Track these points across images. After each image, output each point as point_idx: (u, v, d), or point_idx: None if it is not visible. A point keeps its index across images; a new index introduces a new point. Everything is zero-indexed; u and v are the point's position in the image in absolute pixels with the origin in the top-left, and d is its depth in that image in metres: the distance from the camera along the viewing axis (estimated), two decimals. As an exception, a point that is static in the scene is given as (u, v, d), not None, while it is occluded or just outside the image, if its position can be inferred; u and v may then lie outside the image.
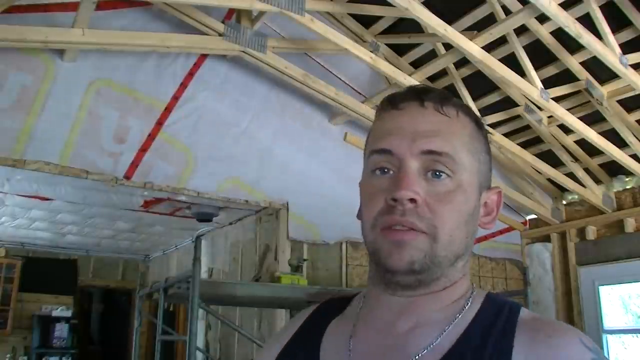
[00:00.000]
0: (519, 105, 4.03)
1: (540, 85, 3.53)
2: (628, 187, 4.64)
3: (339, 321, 0.79)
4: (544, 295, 4.98)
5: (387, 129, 0.73)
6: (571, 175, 4.56)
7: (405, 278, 0.68)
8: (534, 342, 0.64)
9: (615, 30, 3.22)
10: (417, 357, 0.67)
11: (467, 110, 0.76)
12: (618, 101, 3.91)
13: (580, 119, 3.89)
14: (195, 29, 3.36)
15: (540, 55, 3.60)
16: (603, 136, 3.97)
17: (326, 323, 0.79)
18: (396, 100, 0.74)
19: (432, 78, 4.12)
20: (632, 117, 4.02)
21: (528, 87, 3.48)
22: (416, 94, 0.73)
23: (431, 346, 0.67)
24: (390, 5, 3.02)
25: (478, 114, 0.82)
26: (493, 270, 5.53)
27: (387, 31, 3.97)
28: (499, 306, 0.70)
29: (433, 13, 3.11)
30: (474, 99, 4.02)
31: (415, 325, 0.70)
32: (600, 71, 3.60)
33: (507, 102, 4.09)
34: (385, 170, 0.71)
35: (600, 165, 4.57)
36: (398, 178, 0.69)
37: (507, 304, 0.71)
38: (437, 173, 0.69)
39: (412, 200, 0.67)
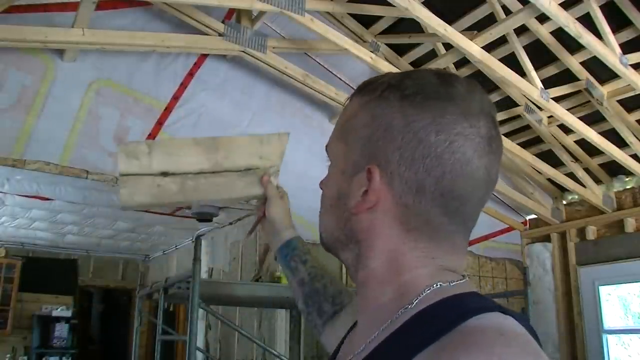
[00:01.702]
0: (519, 105, 4.03)
1: (540, 85, 3.53)
2: (628, 187, 4.64)
3: None
4: (544, 295, 4.98)
5: None
6: (571, 175, 4.56)
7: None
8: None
9: (615, 30, 3.22)
10: None
11: (360, 91, 0.70)
12: (618, 101, 3.91)
13: (580, 119, 3.89)
14: (195, 29, 3.36)
15: (540, 55, 3.60)
16: (603, 136, 3.97)
17: None
18: None
19: (432, 78, 4.12)
20: (632, 117, 4.02)
21: (528, 87, 3.48)
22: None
23: (359, 350, 0.64)
24: (390, 5, 3.01)
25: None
26: (493, 270, 5.53)
27: (387, 31, 3.97)
28: (449, 309, 0.57)
29: (433, 13, 3.11)
30: (474, 99, 4.02)
31: (365, 325, 0.67)
32: (600, 71, 3.59)
33: (507, 102, 4.09)
34: None
35: (600, 165, 4.57)
36: None
37: (463, 308, 0.56)
38: None
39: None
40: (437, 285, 0.61)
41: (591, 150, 4.31)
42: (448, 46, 3.60)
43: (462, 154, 0.61)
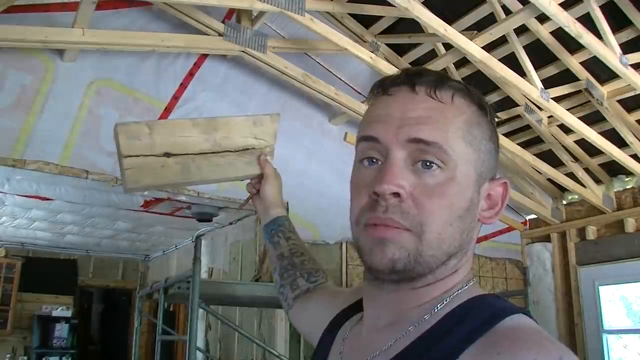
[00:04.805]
0: (519, 105, 4.03)
1: (540, 85, 3.52)
2: (628, 187, 4.64)
3: (358, 315, 0.79)
4: (544, 295, 4.98)
5: (375, 115, 0.68)
6: (571, 175, 4.56)
7: (388, 276, 0.64)
8: (480, 355, 0.55)
9: (615, 30, 3.22)
10: (370, 358, 0.66)
11: (466, 93, 0.70)
12: (618, 101, 3.91)
13: (580, 119, 3.89)
14: (195, 29, 3.36)
15: (540, 55, 3.60)
16: (603, 136, 3.97)
17: (354, 312, 0.80)
18: (386, 85, 0.69)
19: (432, 78, 4.12)
20: (632, 117, 4.02)
21: (528, 87, 3.48)
22: (408, 78, 0.68)
23: (387, 347, 0.64)
24: (390, 5, 3.01)
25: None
26: (493, 270, 5.52)
27: (387, 31, 3.96)
28: (480, 310, 0.61)
29: (433, 13, 3.11)
30: (474, 99, 4.02)
31: (391, 322, 0.67)
32: (600, 71, 3.60)
33: (507, 102, 4.09)
34: (374, 160, 0.66)
35: (600, 165, 4.57)
36: (382, 170, 0.63)
37: (493, 309, 0.61)
38: (427, 164, 0.63)
39: (396, 195, 0.62)
40: (465, 284, 0.67)
41: (591, 150, 4.31)
42: (448, 46, 3.60)
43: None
